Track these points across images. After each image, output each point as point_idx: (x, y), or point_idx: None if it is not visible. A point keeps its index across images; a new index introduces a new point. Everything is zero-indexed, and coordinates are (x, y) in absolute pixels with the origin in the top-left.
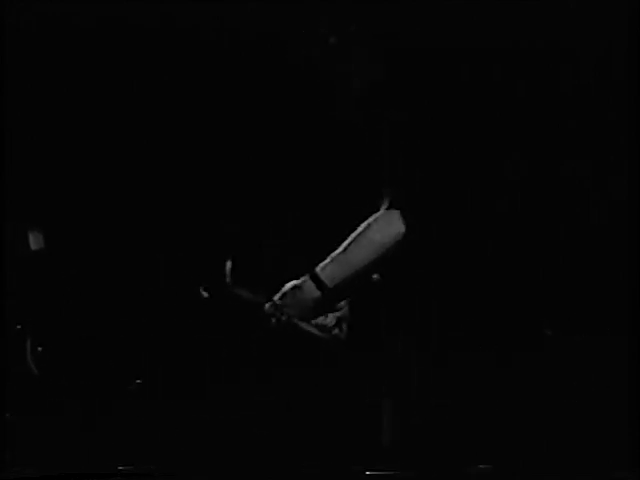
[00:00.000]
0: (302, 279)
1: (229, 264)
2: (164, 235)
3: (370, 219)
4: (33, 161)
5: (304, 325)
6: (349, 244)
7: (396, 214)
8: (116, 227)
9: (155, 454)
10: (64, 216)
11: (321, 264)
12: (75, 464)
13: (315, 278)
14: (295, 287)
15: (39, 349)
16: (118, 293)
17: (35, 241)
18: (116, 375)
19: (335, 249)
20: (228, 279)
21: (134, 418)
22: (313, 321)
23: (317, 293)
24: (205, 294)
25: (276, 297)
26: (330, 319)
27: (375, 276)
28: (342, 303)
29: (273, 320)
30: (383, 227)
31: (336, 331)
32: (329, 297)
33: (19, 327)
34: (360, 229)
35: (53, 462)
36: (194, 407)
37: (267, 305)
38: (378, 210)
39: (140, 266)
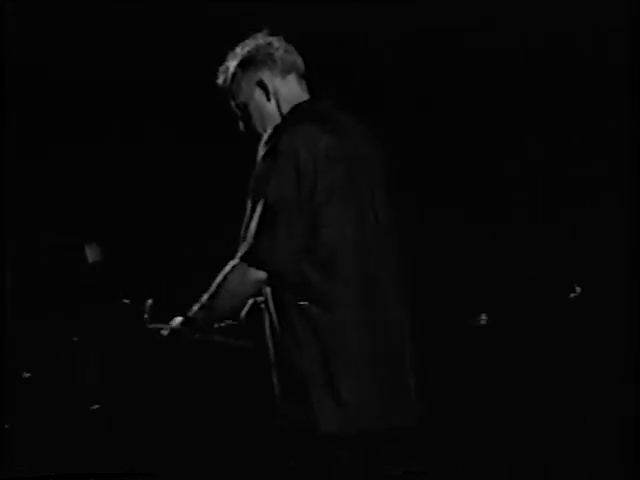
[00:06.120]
0: (179, 320)
1: (149, 302)
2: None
3: (227, 268)
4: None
5: (217, 338)
6: (212, 292)
7: (244, 266)
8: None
9: (155, 454)
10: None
11: (193, 308)
12: (75, 464)
13: (189, 321)
14: (177, 328)
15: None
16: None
17: (92, 254)
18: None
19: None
20: (146, 316)
21: (132, 420)
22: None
23: (193, 335)
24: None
25: (163, 331)
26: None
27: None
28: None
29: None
30: (238, 278)
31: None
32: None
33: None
34: (218, 279)
35: (53, 462)
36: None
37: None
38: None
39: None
